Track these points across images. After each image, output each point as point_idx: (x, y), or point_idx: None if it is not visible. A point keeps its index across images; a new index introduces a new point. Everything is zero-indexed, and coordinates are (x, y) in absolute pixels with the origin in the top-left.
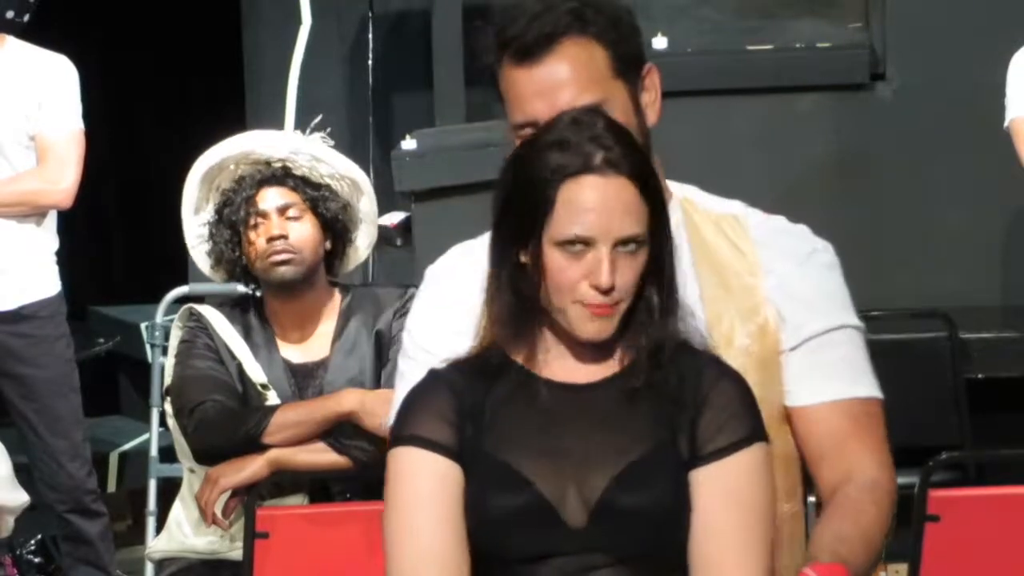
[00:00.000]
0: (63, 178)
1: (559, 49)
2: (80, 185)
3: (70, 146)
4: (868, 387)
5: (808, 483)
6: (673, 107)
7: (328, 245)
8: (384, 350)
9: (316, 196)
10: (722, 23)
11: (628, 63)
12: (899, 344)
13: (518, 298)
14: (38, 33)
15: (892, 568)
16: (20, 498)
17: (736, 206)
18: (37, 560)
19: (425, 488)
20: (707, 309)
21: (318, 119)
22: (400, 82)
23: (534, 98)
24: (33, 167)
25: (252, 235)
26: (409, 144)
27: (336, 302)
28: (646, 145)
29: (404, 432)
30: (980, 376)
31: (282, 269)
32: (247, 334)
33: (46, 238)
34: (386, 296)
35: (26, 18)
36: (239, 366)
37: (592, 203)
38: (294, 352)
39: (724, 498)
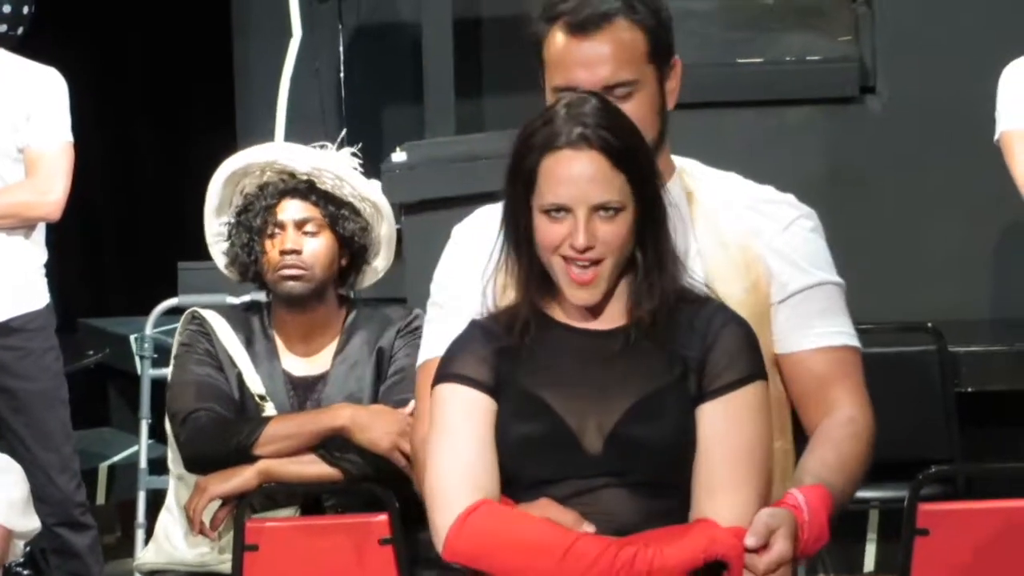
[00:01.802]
0: (52, 190)
1: (609, 28)
2: (69, 197)
3: (59, 158)
4: (847, 337)
5: (797, 425)
6: None
7: (344, 262)
8: (384, 367)
9: (336, 214)
10: (712, 36)
11: (661, 51)
12: (889, 358)
13: (527, 260)
14: (29, 45)
15: None
16: (32, 524)
17: (732, 176)
18: (26, 573)
19: (461, 416)
20: (707, 265)
21: (342, 135)
22: (391, 94)
23: (579, 67)
24: (22, 179)
25: (268, 244)
26: (399, 156)
27: (341, 317)
28: (663, 123)
29: (448, 371)
30: (970, 390)
31: (290, 284)
32: (249, 343)
33: (35, 250)
34: (391, 315)
35: (20, 31)
36: (239, 375)
37: (567, 174)
38: (296, 364)
39: (726, 429)
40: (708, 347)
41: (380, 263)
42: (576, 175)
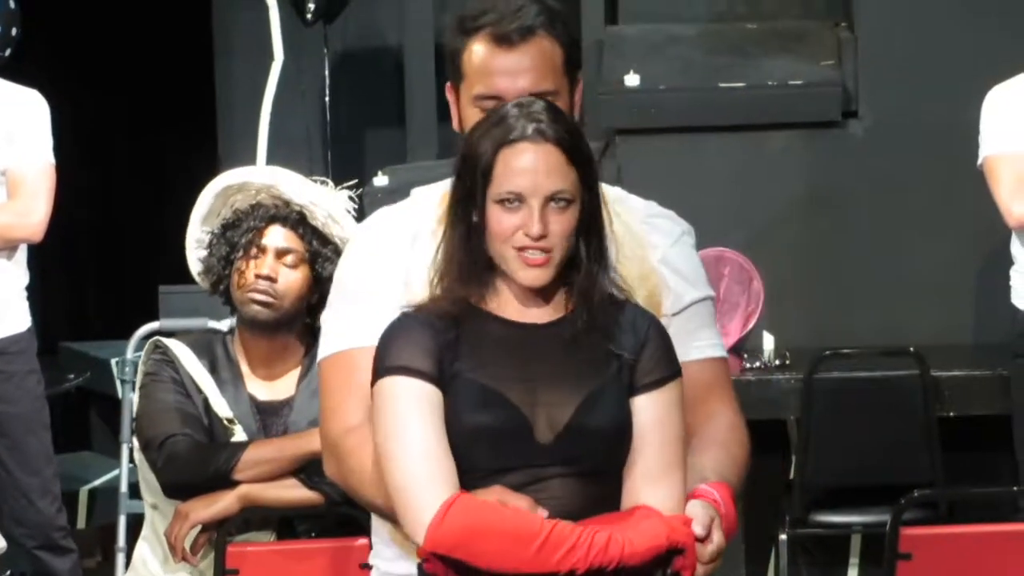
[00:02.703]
0: (34, 212)
1: (532, 40)
2: (52, 220)
3: (41, 180)
4: (721, 349)
5: None
6: (645, 144)
7: (314, 300)
8: None
9: (319, 252)
10: (694, 60)
11: (574, 65)
12: (871, 382)
13: (472, 253)
14: (11, 67)
15: None
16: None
17: (618, 191)
18: None
19: (414, 408)
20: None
21: (354, 182)
22: (373, 118)
23: (502, 76)
24: (4, 201)
25: (244, 264)
26: (381, 180)
27: (306, 343)
28: None
29: (389, 363)
30: (952, 414)
31: (256, 308)
32: (213, 368)
33: (17, 273)
34: None
35: (7, 52)
36: (205, 400)
37: (524, 165)
38: (260, 389)
39: (659, 421)
40: (641, 344)
41: None
42: (532, 166)
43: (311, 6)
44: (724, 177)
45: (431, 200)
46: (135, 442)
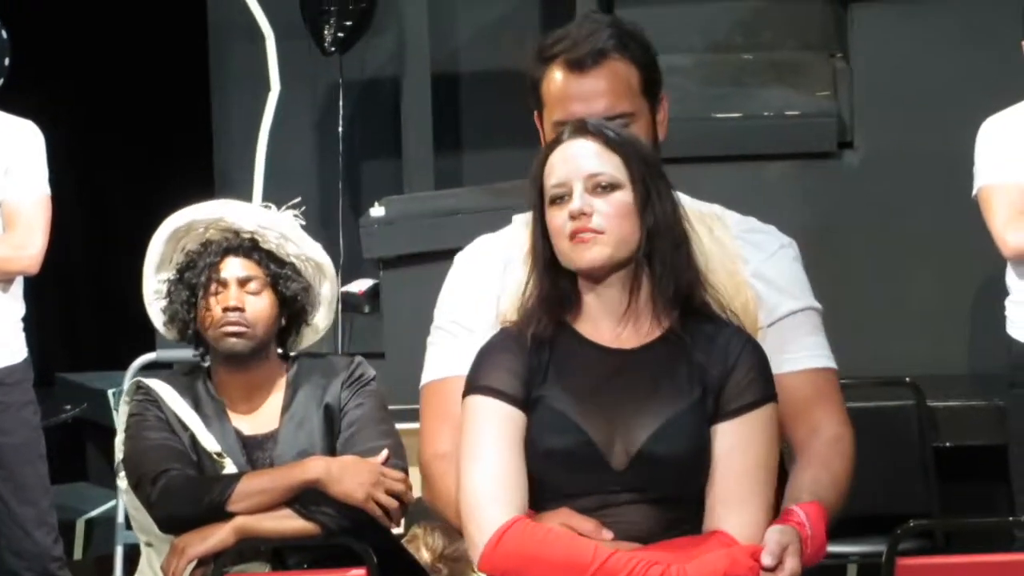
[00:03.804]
0: (30, 244)
1: (605, 64)
2: (47, 251)
3: (37, 211)
4: (828, 359)
5: None
6: None
7: (283, 322)
8: (335, 423)
9: (279, 273)
10: (690, 91)
11: (652, 85)
12: (867, 412)
13: (556, 276)
14: (5, 98)
15: None
16: None
17: (716, 207)
18: None
19: (493, 429)
20: None
21: (296, 200)
22: (370, 149)
23: (578, 101)
24: None
25: (210, 302)
26: (378, 211)
27: (283, 372)
28: (657, 151)
29: (478, 383)
30: (948, 444)
31: (232, 340)
32: (197, 405)
33: (13, 304)
34: (332, 365)
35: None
36: (191, 436)
37: (562, 158)
38: (244, 423)
39: (740, 447)
40: (728, 370)
41: (320, 322)
42: (571, 155)
43: (329, 37)
44: (720, 207)
45: (527, 226)
46: (122, 482)
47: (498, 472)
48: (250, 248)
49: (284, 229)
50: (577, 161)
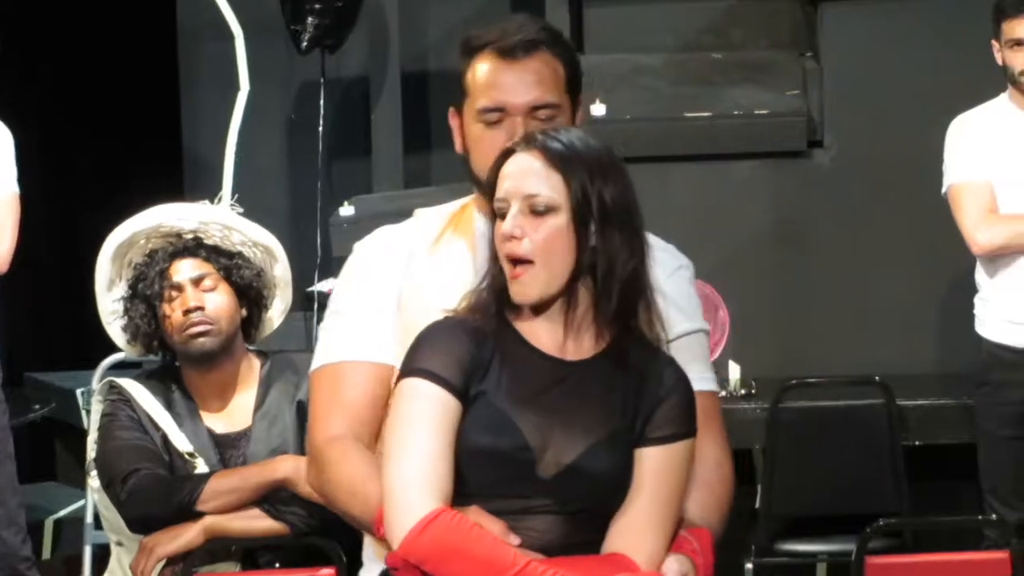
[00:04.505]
0: None
1: (536, 55)
2: (16, 250)
3: (5, 211)
4: (713, 383)
5: None
6: None
7: (244, 312)
8: (307, 420)
9: (229, 265)
10: (660, 90)
11: (576, 84)
12: (837, 411)
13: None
14: None
15: None
16: None
17: None
18: None
19: (428, 413)
20: None
21: (223, 191)
22: (342, 149)
23: (506, 88)
24: None
25: (168, 308)
26: (347, 210)
27: (256, 370)
28: None
29: (417, 364)
30: (917, 443)
31: (201, 340)
32: (169, 405)
33: None
34: (305, 362)
35: None
36: (163, 436)
37: (508, 172)
38: (216, 422)
39: (659, 475)
40: (660, 399)
41: (278, 305)
42: (517, 172)
43: (306, 35)
44: (690, 206)
45: (432, 220)
46: (93, 481)
47: (428, 458)
48: (196, 247)
49: (225, 220)
50: (518, 179)
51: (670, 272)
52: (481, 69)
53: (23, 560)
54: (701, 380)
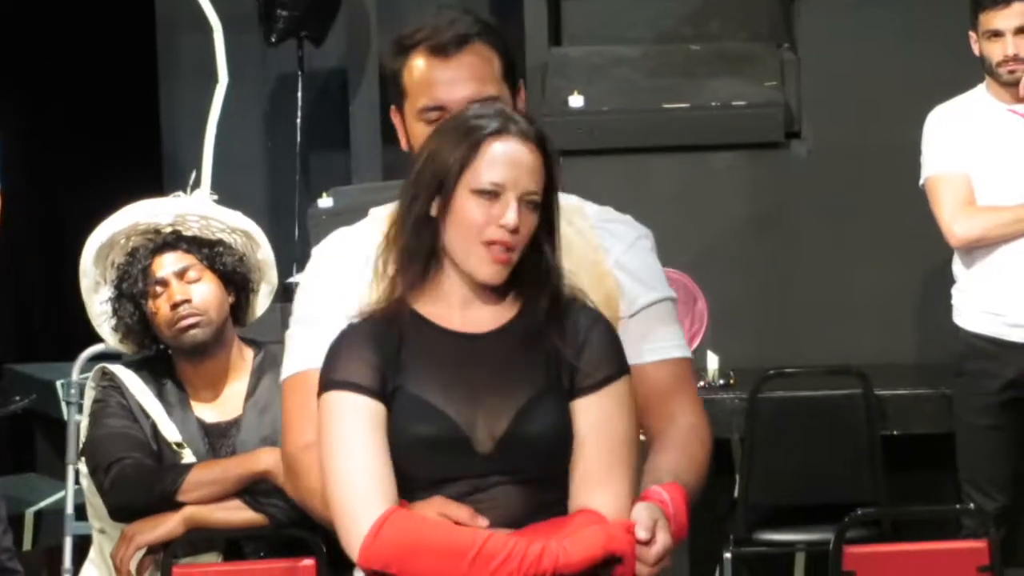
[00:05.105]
0: None
1: (469, 49)
2: None
3: None
4: (684, 349)
5: None
6: (589, 164)
7: (231, 299)
8: None
9: (211, 254)
10: (638, 82)
11: (512, 72)
12: (814, 401)
13: (421, 248)
14: None
15: None
16: None
17: (574, 198)
18: None
19: (356, 424)
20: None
21: (194, 177)
22: (320, 140)
23: (443, 86)
24: None
25: (155, 305)
26: (325, 202)
27: (248, 360)
28: None
29: (334, 377)
30: (895, 433)
31: (192, 333)
32: (160, 393)
33: None
34: None
35: None
36: (153, 425)
37: (508, 157)
38: (207, 411)
39: (600, 423)
40: (580, 346)
41: (264, 288)
42: (518, 160)
43: (278, 27)
44: (668, 197)
45: (387, 219)
46: (82, 467)
47: (367, 466)
48: (176, 240)
49: (202, 210)
50: (519, 170)
51: (629, 243)
52: (416, 68)
53: (4, 551)
54: (670, 347)
